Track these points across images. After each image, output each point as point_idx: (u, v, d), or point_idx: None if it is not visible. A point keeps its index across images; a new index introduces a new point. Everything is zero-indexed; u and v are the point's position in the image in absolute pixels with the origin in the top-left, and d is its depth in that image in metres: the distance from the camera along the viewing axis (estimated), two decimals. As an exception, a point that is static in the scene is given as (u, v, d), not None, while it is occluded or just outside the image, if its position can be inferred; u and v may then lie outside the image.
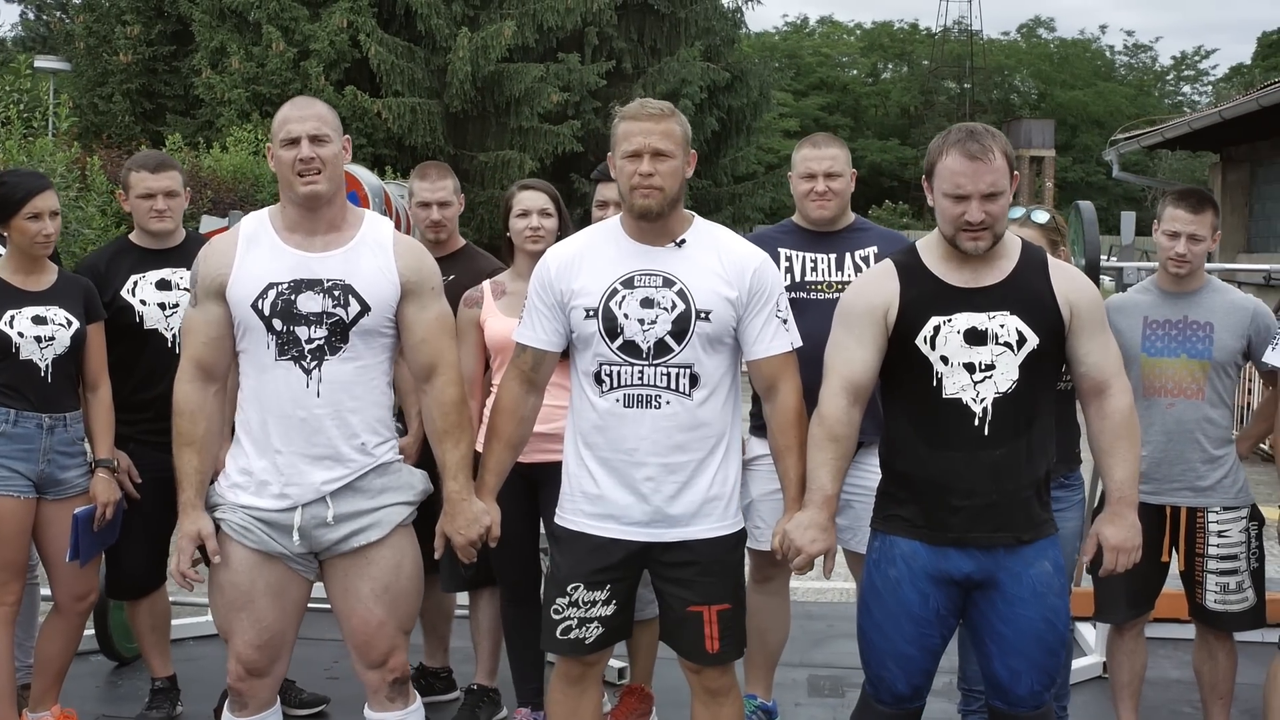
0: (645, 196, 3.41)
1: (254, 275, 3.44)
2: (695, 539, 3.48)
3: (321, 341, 3.43)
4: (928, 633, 3.38)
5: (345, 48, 22.71)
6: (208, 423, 3.50)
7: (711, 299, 3.44)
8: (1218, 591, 4.32)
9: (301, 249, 3.47)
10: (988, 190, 3.24)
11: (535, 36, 23.91)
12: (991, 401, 3.28)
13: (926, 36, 58.54)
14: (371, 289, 3.46)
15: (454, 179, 4.86)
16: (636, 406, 3.44)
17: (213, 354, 3.51)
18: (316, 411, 3.42)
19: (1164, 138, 17.32)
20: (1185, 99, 55.85)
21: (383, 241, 3.53)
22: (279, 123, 3.47)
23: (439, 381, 3.54)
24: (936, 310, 3.33)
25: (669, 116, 3.45)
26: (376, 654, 3.53)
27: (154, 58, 23.96)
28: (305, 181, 3.41)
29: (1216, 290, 4.36)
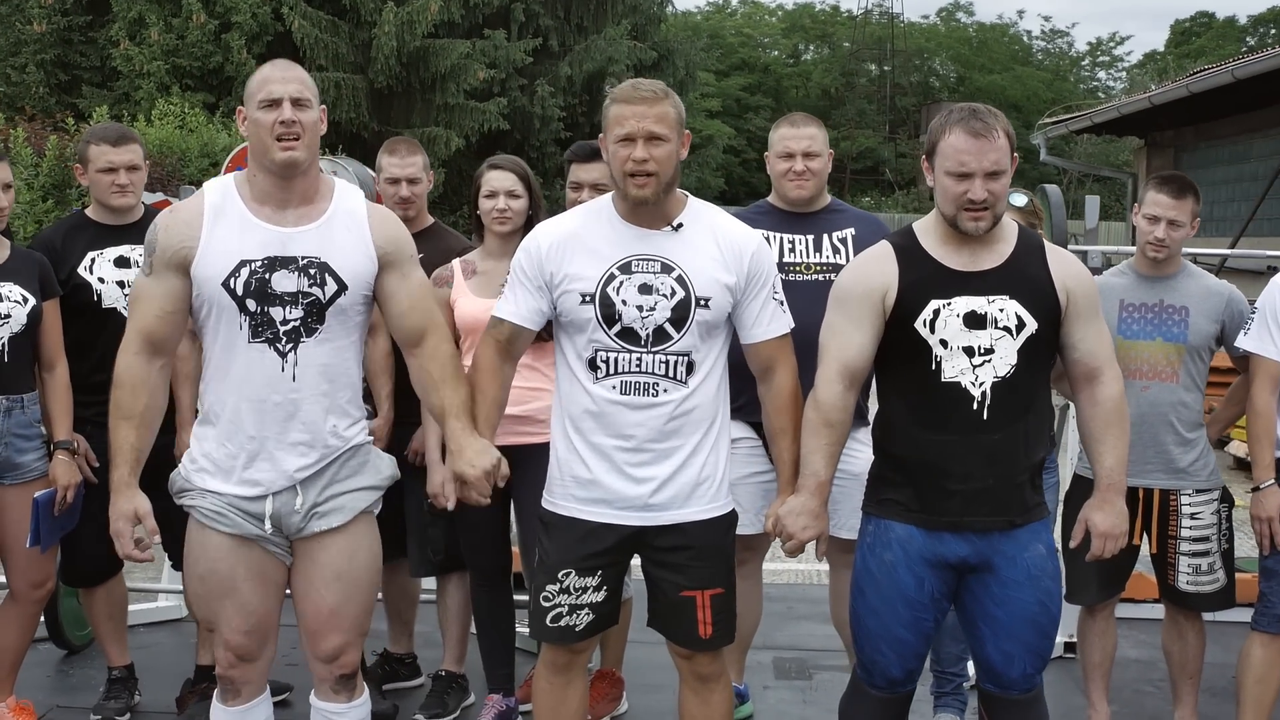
0: (640, 186, 3.33)
1: (223, 251, 3.26)
2: (688, 522, 3.44)
3: (297, 323, 3.28)
4: (922, 616, 3.36)
5: (268, 20, 22.28)
6: (149, 398, 3.31)
7: (711, 285, 3.39)
8: (1190, 573, 4.35)
9: (273, 223, 3.29)
10: (991, 168, 3.22)
11: (461, 12, 23.61)
12: (990, 385, 3.26)
13: (848, 19, 58.77)
14: (348, 266, 3.32)
15: (423, 155, 4.75)
16: (634, 394, 3.37)
17: (164, 327, 3.32)
18: (292, 396, 3.29)
19: (1093, 122, 17.55)
20: (1100, 84, 56.67)
21: (356, 213, 3.39)
22: (258, 83, 3.29)
23: (432, 340, 3.43)
24: (936, 293, 3.30)
25: (663, 99, 3.35)
26: (327, 647, 3.41)
27: (69, 27, 23.30)
28: (284, 147, 3.23)
29: (1192, 275, 4.39)
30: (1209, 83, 14.02)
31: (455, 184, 22.05)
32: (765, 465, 4.38)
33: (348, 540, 3.37)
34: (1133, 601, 5.71)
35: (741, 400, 4.41)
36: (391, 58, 22.53)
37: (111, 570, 4.56)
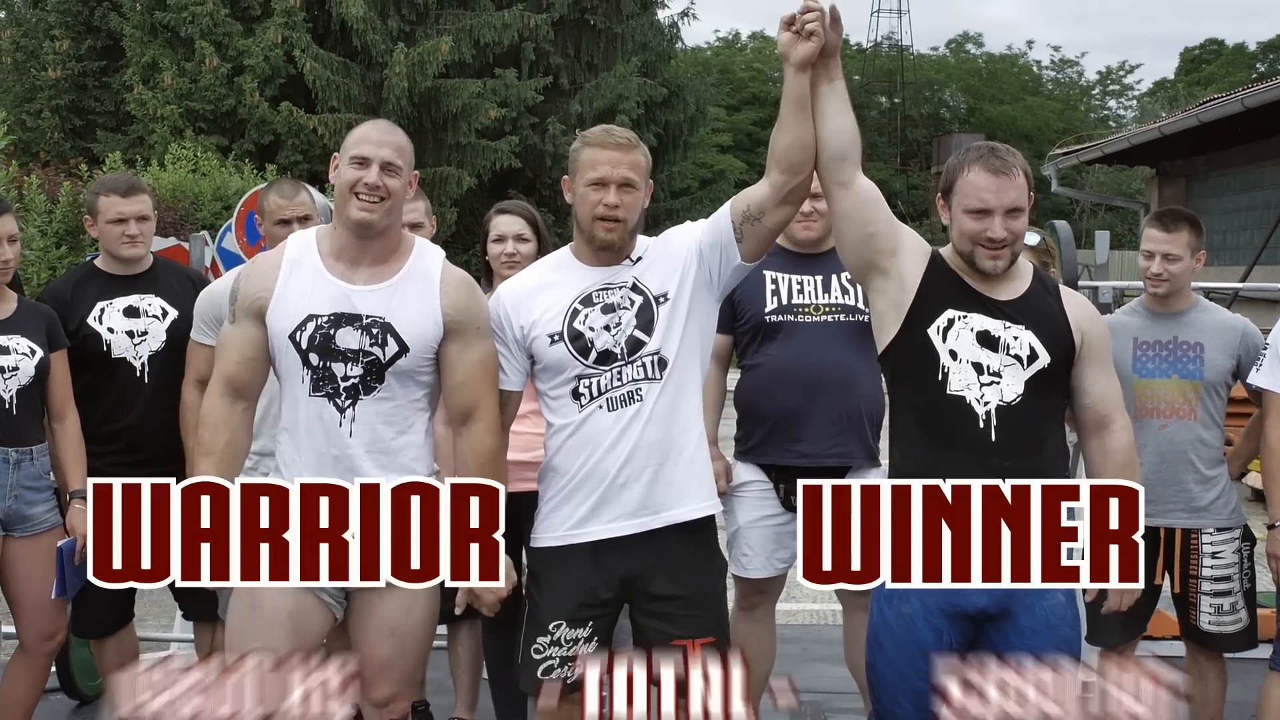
0: (609, 230, 3.39)
1: (294, 305, 3.33)
2: (678, 522, 3.42)
3: (356, 380, 3.32)
4: None
5: (280, 63, 22.43)
6: (230, 436, 3.38)
7: (665, 282, 3.44)
8: (1212, 613, 4.30)
9: (345, 279, 3.34)
10: (1010, 205, 3.22)
11: (472, 52, 23.77)
12: (995, 408, 3.22)
13: (857, 52, 58.89)
14: (412, 329, 3.34)
15: (425, 200, 4.74)
16: (620, 407, 3.39)
17: (246, 373, 3.41)
18: (349, 451, 3.31)
19: (1104, 152, 17.54)
20: (1111, 113, 56.68)
21: (430, 276, 3.41)
22: (355, 139, 3.35)
23: (477, 429, 3.42)
24: (953, 304, 3.29)
25: (635, 147, 3.42)
26: (378, 695, 3.42)
27: (84, 73, 23.53)
28: (362, 206, 3.27)
29: (1206, 310, 4.36)
30: (1219, 112, 14.00)
31: (467, 223, 22.14)
32: (776, 509, 4.36)
33: (404, 595, 3.33)
34: (1152, 639, 5.64)
35: (753, 441, 4.41)
36: (403, 98, 22.66)
37: (122, 621, 4.54)
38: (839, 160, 3.29)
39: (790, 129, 3.29)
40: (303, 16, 22.78)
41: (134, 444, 4.24)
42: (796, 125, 3.28)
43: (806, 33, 3.20)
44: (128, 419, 4.33)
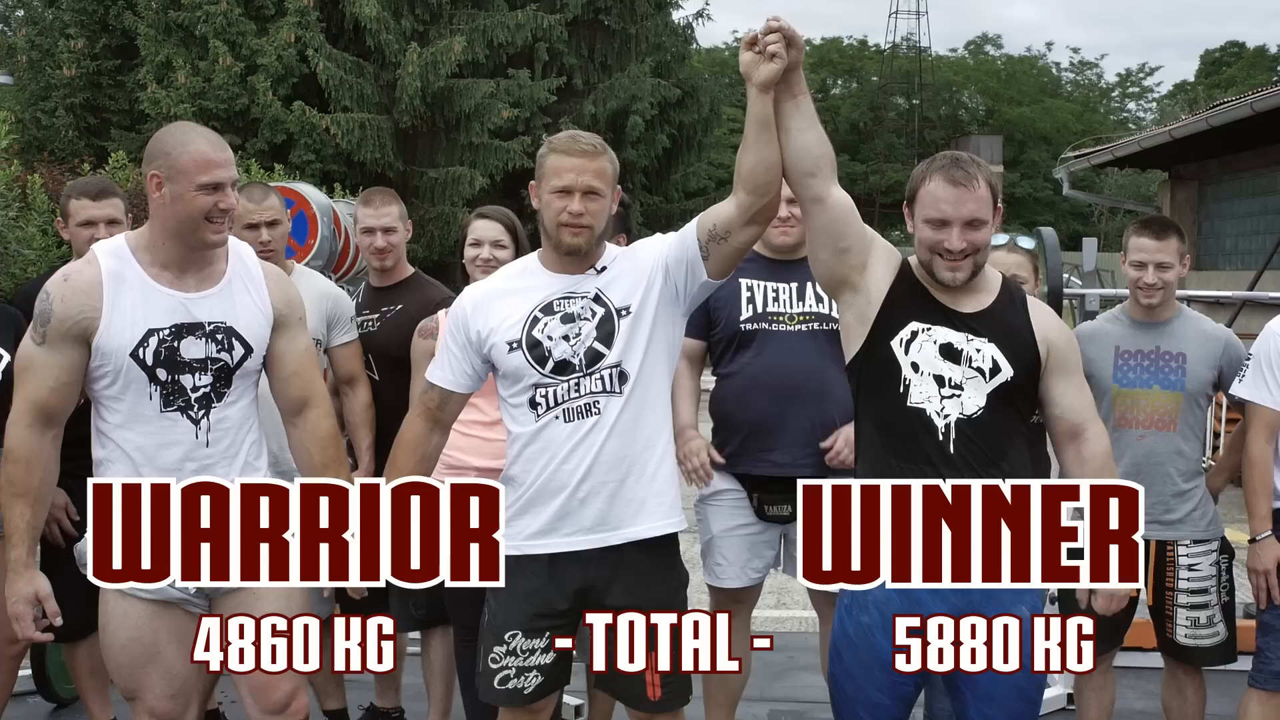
0: (575, 235, 3.36)
1: (130, 321, 3.22)
2: (640, 539, 3.39)
3: (207, 389, 3.29)
4: (901, 681, 3.25)
5: (293, 63, 22.47)
6: (44, 472, 3.26)
7: (627, 295, 3.40)
8: (1188, 626, 4.24)
9: (176, 288, 3.28)
10: (969, 217, 3.17)
11: (485, 52, 23.80)
12: (954, 421, 3.18)
13: (875, 53, 58.87)
14: (251, 328, 3.34)
15: (399, 205, 4.71)
16: (576, 419, 3.36)
17: (58, 400, 3.26)
18: (206, 461, 3.28)
19: (1114, 156, 17.43)
20: (1130, 115, 56.51)
21: (253, 273, 3.41)
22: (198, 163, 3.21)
23: (313, 415, 3.43)
24: (918, 316, 3.25)
25: (601, 154, 3.38)
26: (277, 697, 3.36)
27: (98, 72, 23.60)
28: (216, 230, 3.25)
29: (1189, 320, 4.30)
30: (1228, 116, 13.88)
31: (479, 223, 22.10)
32: (750, 518, 4.32)
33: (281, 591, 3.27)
34: (1140, 650, 5.57)
35: (727, 451, 4.37)
36: (416, 98, 22.69)
37: (93, 625, 4.49)
38: (809, 176, 3.24)
39: (755, 150, 3.24)
40: (316, 16, 22.82)
41: None
42: (761, 146, 3.22)
43: (769, 54, 3.14)
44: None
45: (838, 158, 3.52)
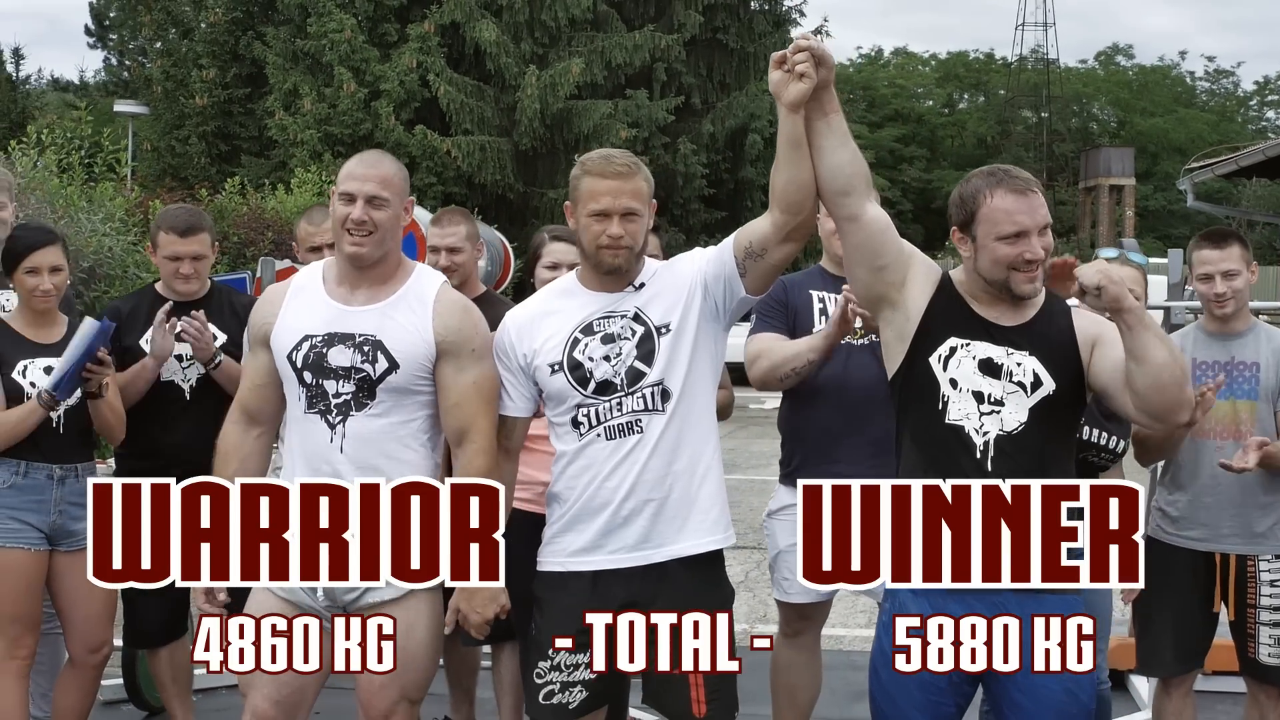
0: (614, 256, 3.34)
1: (293, 326, 3.43)
2: (683, 556, 3.36)
3: (348, 396, 3.38)
4: (940, 701, 3.18)
5: (415, 87, 22.96)
6: (240, 465, 3.47)
7: (667, 313, 3.37)
8: (1271, 644, 4.11)
9: (341, 301, 3.44)
10: (1044, 223, 3.13)
11: (604, 74, 24.05)
12: (994, 438, 3.12)
13: (1002, 66, 58.04)
14: (402, 346, 3.39)
15: (469, 225, 4.75)
16: (618, 437, 3.35)
17: (257, 399, 3.53)
18: (341, 468, 3.35)
19: (1238, 165, 16.96)
20: (1270, 124, 54.89)
21: (424, 297, 3.46)
22: (343, 175, 3.43)
23: (469, 450, 3.43)
24: (957, 332, 3.19)
25: (636, 173, 3.35)
26: (374, 714, 3.42)
27: (229, 100, 24.40)
28: (352, 242, 3.37)
29: (1262, 331, 4.21)
30: (1357, 122, 13.45)
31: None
32: (816, 532, 4.28)
33: (406, 614, 3.35)
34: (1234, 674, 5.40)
35: (793, 464, 4.34)
36: (535, 120, 23.00)
37: (172, 635, 4.63)
38: (842, 195, 3.20)
39: (786, 169, 3.22)
40: (437, 41, 23.29)
41: (176, 460, 4.31)
42: (792, 165, 3.20)
43: (797, 73, 3.11)
44: (172, 438, 4.43)
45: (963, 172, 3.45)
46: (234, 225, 12.56)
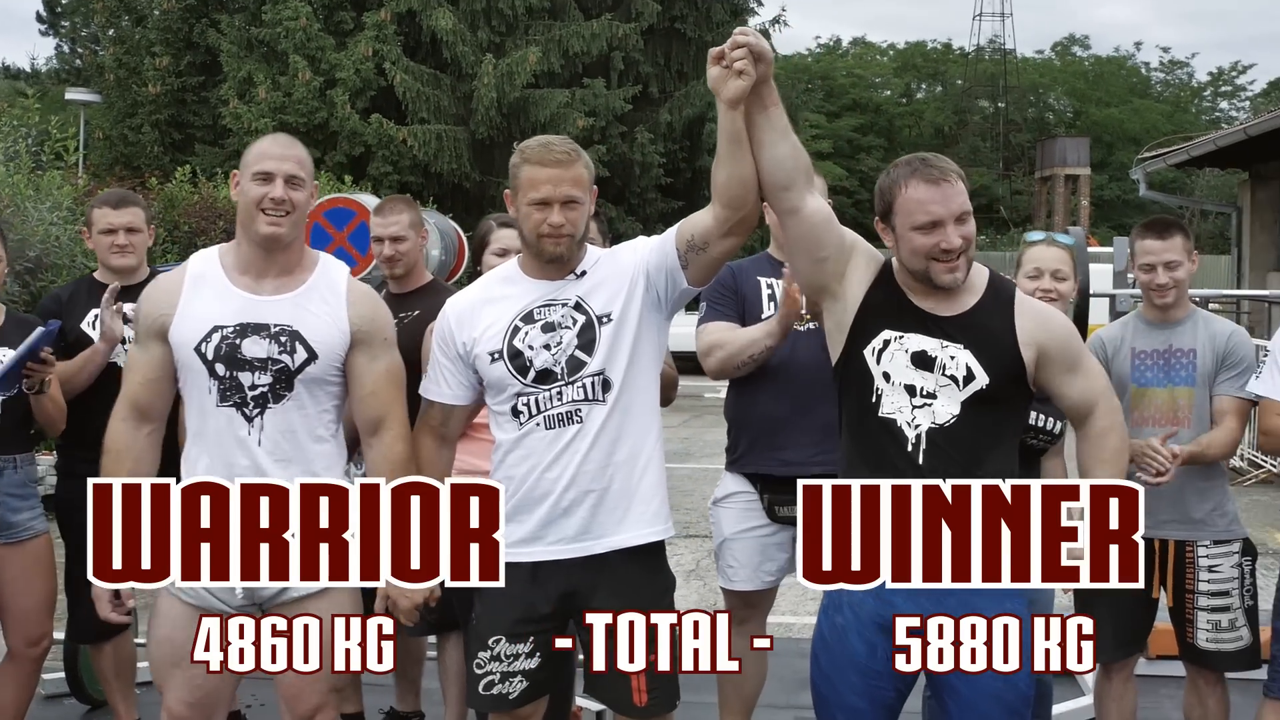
0: (556, 244, 3.33)
1: (199, 317, 3.33)
2: (622, 548, 3.36)
3: (265, 389, 3.32)
4: (878, 685, 3.18)
5: (371, 76, 22.82)
6: (134, 464, 3.36)
7: (609, 301, 3.37)
8: (1209, 630, 4.14)
9: (250, 291, 3.35)
10: (959, 211, 3.10)
11: (561, 62, 23.96)
12: (925, 431, 3.11)
13: (960, 56, 58.29)
14: (320, 336, 3.36)
15: (412, 213, 4.72)
16: (558, 426, 3.34)
17: (148, 394, 3.40)
18: (259, 461, 3.31)
19: (1190, 155, 17.07)
20: (1223, 115, 55.29)
21: (336, 287, 3.43)
22: (255, 155, 3.35)
23: (387, 436, 3.42)
24: (892, 323, 3.18)
25: (576, 160, 3.34)
26: (304, 708, 3.40)
27: (183, 88, 24.16)
28: (270, 221, 3.29)
29: (1200, 319, 4.23)
30: (1305, 113, 13.57)
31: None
32: (762, 520, 4.30)
33: (329, 605, 3.32)
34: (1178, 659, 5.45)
35: (739, 451, 4.35)
36: (492, 109, 22.91)
37: (117, 628, 4.58)
38: (783, 189, 3.17)
39: (727, 165, 3.19)
40: (393, 30, 23.15)
41: None
42: (733, 161, 3.17)
43: (735, 70, 3.06)
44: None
45: None
46: (185, 214, 12.42)
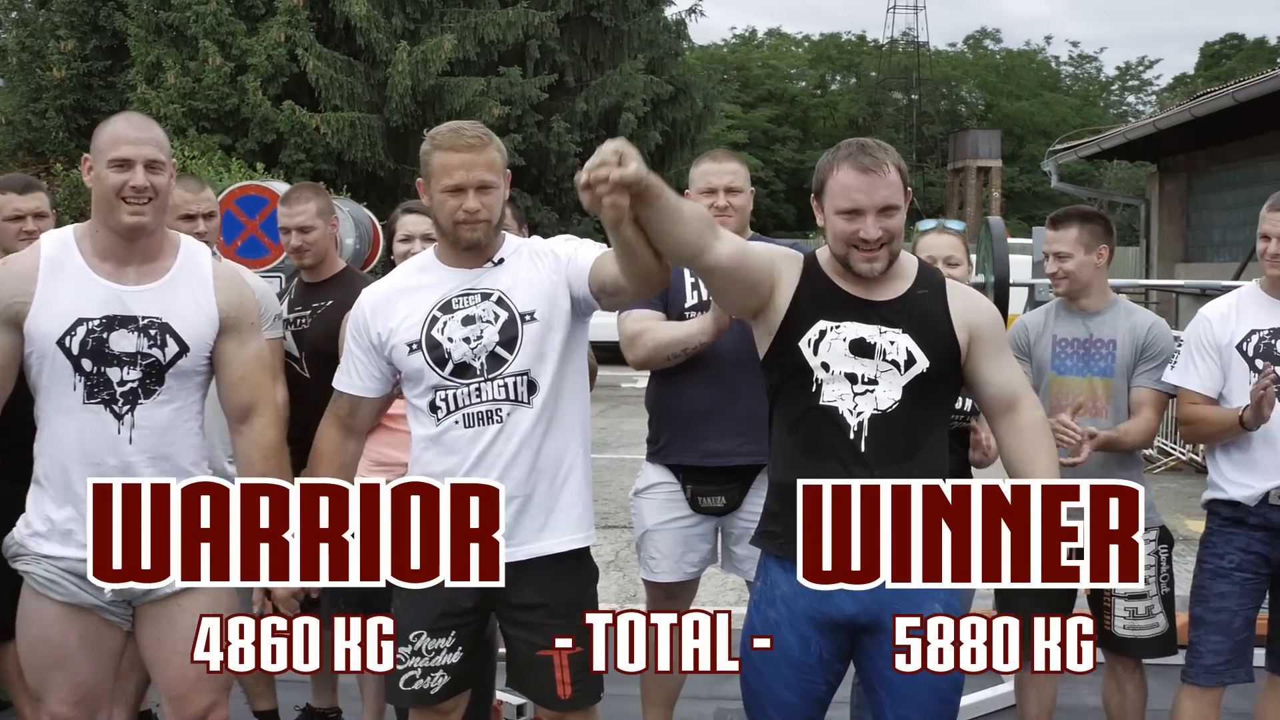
0: (472, 230, 3.28)
1: (60, 308, 3.17)
2: (543, 554, 3.32)
3: (135, 384, 3.20)
4: (810, 679, 3.17)
5: (283, 62, 22.45)
6: None
7: (532, 298, 3.31)
8: (1126, 617, 4.19)
9: (114, 280, 3.21)
10: (883, 204, 3.08)
11: (476, 50, 23.74)
12: (868, 418, 3.10)
13: (874, 48, 58.80)
14: (190, 327, 3.24)
15: (320, 201, 4.63)
16: (476, 424, 3.28)
17: None
18: (130, 459, 3.19)
19: (1101, 148, 17.36)
20: (1130, 109, 56.29)
21: (201, 273, 3.31)
22: (110, 139, 3.18)
23: (258, 423, 3.33)
24: (825, 314, 3.16)
25: (488, 145, 3.27)
26: (194, 710, 3.31)
27: (89, 73, 23.59)
28: (132, 211, 3.15)
29: (1121, 309, 4.26)
30: (1212, 106, 13.82)
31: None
32: (684, 511, 4.27)
33: (208, 599, 3.24)
34: (1094, 645, 5.50)
35: (661, 442, 4.31)
36: (406, 96, 22.66)
37: (17, 629, 4.45)
38: (694, 258, 3.04)
39: (626, 262, 3.06)
40: (306, 15, 22.80)
41: (18, 442, 4.14)
42: (630, 259, 3.04)
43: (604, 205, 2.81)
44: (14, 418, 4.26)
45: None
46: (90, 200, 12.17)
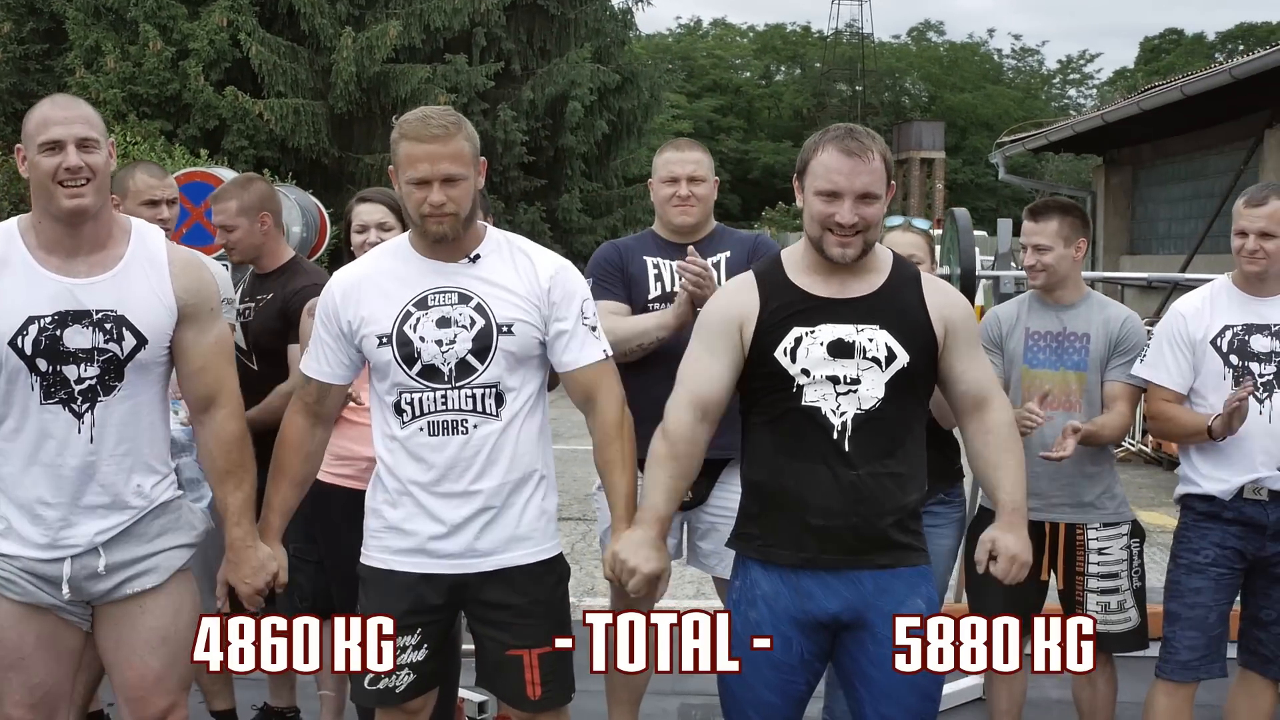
0: (439, 224, 3.15)
1: (10, 307, 3.02)
2: (513, 567, 3.25)
3: (93, 381, 3.06)
4: (791, 679, 3.13)
5: (226, 47, 22.12)
6: None
7: (512, 311, 3.21)
8: (1099, 611, 4.18)
9: (63, 274, 3.05)
10: (862, 190, 3.02)
11: (422, 37, 23.52)
12: (851, 417, 3.05)
13: (819, 39, 59.00)
14: (147, 318, 3.10)
15: (242, 198, 4.47)
16: (441, 434, 3.19)
17: None
18: (90, 459, 3.08)
19: (1048, 140, 17.46)
20: (1071, 102, 56.87)
21: (156, 259, 3.16)
22: (37, 123, 3.02)
23: (219, 414, 3.22)
24: (798, 321, 3.10)
25: (456, 134, 3.13)
26: (153, 711, 3.21)
27: (25, 56, 23.13)
28: (71, 194, 2.99)
29: (1095, 303, 4.24)
30: (1159, 100, 13.93)
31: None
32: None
33: (170, 599, 3.18)
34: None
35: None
36: (351, 83, 22.40)
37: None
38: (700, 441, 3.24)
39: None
40: (249, 0, 22.47)
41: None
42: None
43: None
44: None
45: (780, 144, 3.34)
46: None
